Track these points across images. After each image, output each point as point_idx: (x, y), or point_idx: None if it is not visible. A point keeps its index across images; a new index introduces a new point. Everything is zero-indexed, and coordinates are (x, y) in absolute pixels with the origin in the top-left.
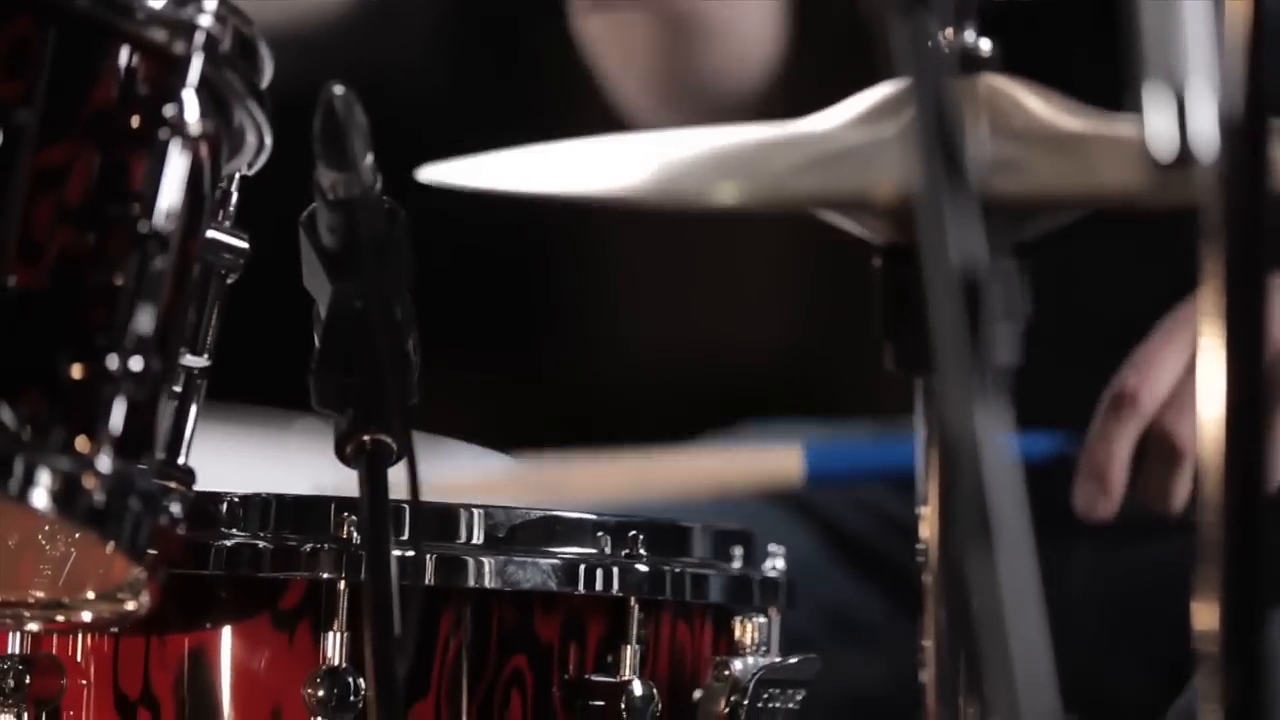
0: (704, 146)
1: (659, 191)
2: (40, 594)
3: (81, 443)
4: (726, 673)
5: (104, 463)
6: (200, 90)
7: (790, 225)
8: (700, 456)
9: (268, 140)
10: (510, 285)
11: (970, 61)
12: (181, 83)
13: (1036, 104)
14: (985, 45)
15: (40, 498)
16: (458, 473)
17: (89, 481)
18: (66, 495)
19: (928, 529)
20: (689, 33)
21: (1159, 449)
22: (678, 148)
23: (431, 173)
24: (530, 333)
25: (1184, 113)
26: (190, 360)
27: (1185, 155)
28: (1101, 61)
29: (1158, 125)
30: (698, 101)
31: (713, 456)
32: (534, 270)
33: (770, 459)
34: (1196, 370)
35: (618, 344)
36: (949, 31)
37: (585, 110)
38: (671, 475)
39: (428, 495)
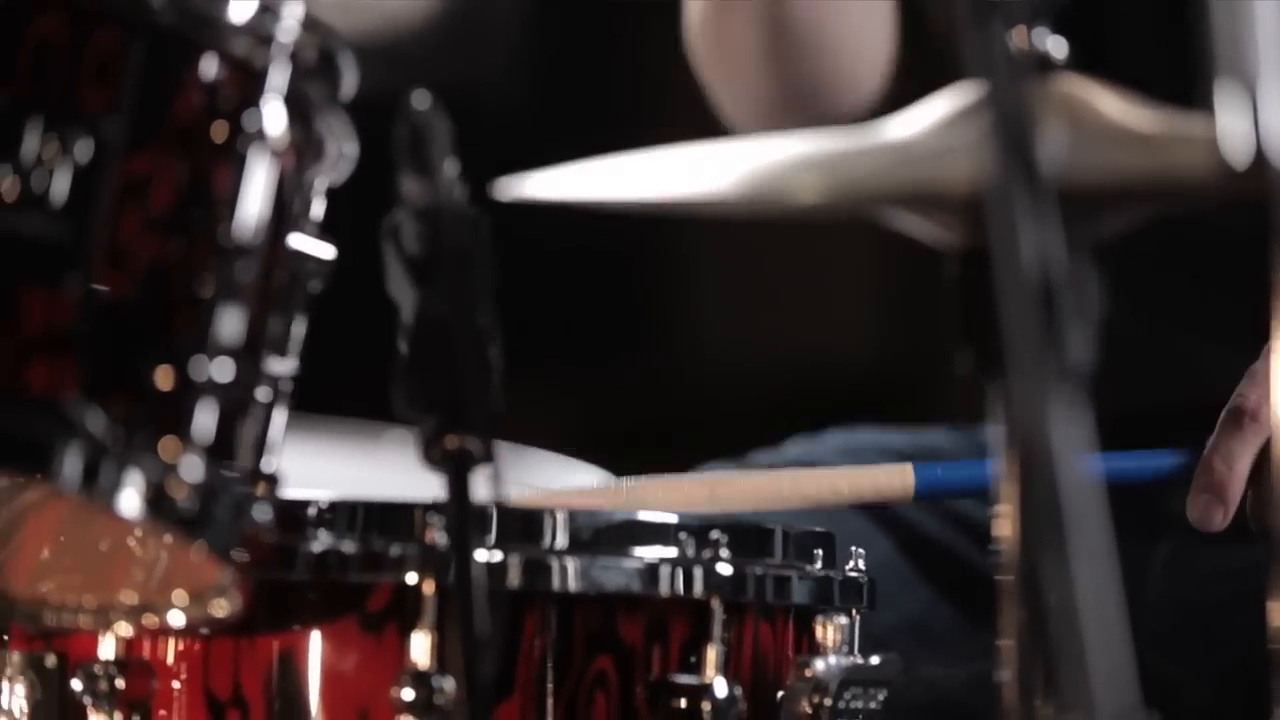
0: (783, 151)
1: (739, 196)
2: (131, 597)
3: (170, 448)
4: (809, 673)
5: (192, 467)
6: (282, 101)
7: (870, 235)
8: (810, 475)
9: (349, 150)
10: (597, 295)
11: (1043, 63)
12: (264, 94)
13: (1110, 103)
14: (1058, 46)
15: (130, 503)
16: (552, 489)
17: (177, 486)
18: (156, 500)
19: (1004, 529)
20: (801, 44)
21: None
22: (757, 153)
23: (517, 186)
24: (617, 342)
25: (1257, 114)
26: (276, 366)
27: (1260, 157)
28: (1175, 60)
29: (1231, 127)
30: (806, 114)
31: (822, 474)
32: (621, 281)
33: (881, 476)
34: None
35: (703, 353)
36: (1021, 32)
37: (670, 119)
38: (779, 493)
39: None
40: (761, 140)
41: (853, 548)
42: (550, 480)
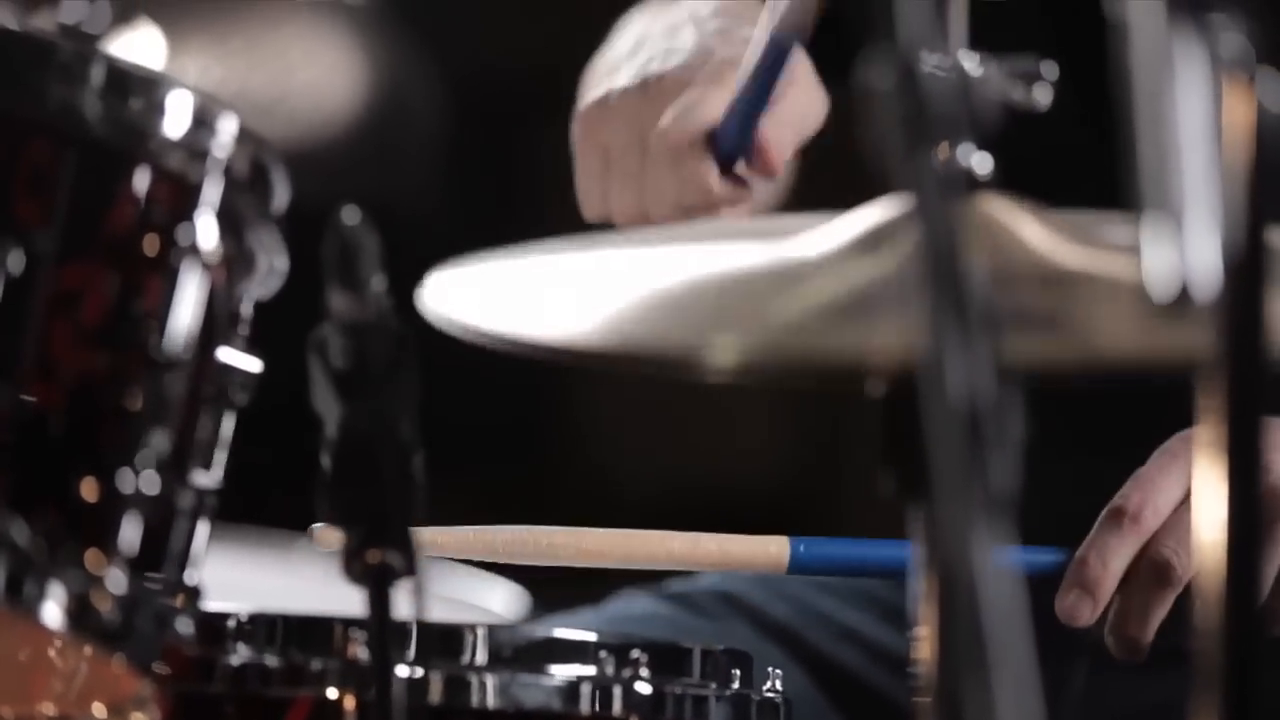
0: (696, 295)
1: (647, 348)
2: (50, 709)
3: (94, 560)
4: None
5: (116, 580)
6: (215, 215)
7: None
8: (690, 538)
9: (280, 264)
10: (509, 417)
11: (969, 181)
12: (197, 208)
13: (1032, 233)
14: (983, 163)
15: (52, 615)
16: (458, 532)
17: (100, 599)
18: (78, 612)
19: (923, 651)
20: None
21: (1151, 573)
22: (668, 296)
23: (429, 287)
24: (530, 461)
25: (1183, 247)
26: (201, 479)
27: (1184, 293)
28: (1098, 179)
29: (1156, 262)
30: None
31: (701, 539)
32: (530, 399)
33: (757, 547)
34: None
35: (615, 474)
36: (944, 149)
37: (583, 227)
38: (661, 552)
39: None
40: (678, 297)
41: (770, 668)
42: (465, 594)
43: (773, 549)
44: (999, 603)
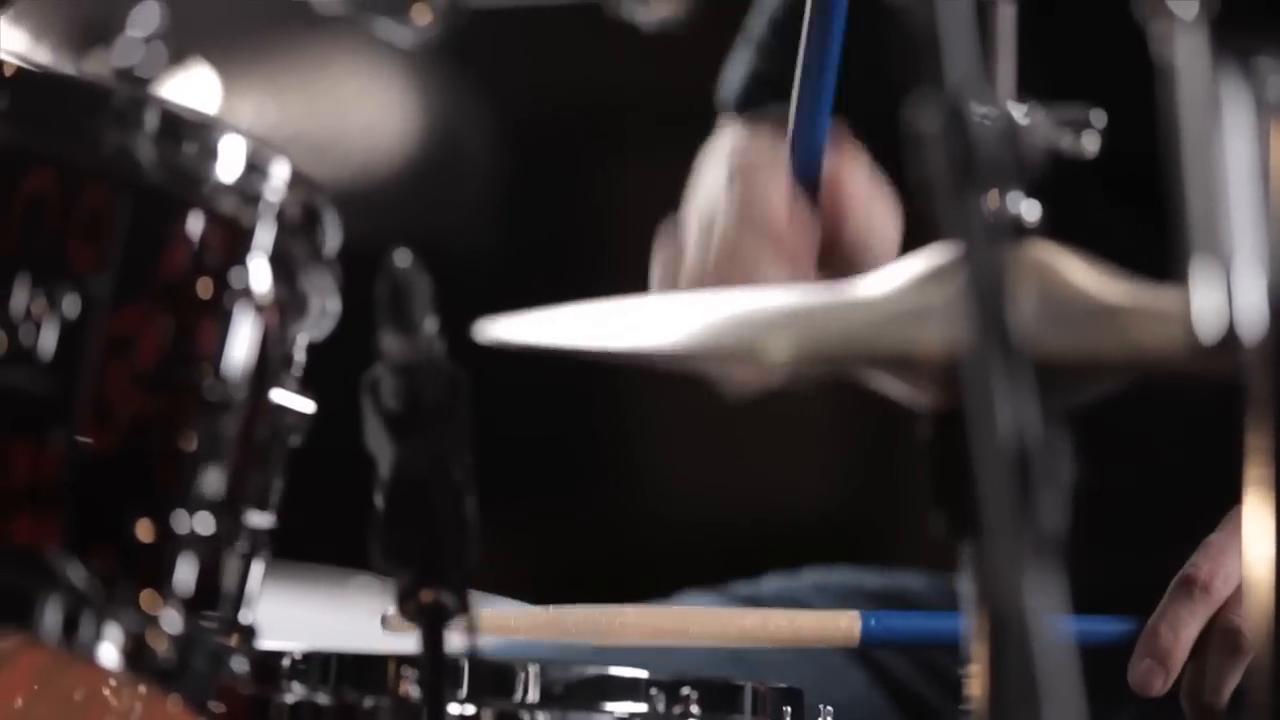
0: (756, 307)
1: (710, 350)
2: None
3: (149, 600)
4: None
5: (171, 620)
6: (268, 258)
7: (845, 384)
8: (760, 615)
9: (332, 306)
10: (565, 440)
11: (1017, 227)
12: (250, 251)
13: (1080, 273)
14: (1031, 210)
15: (108, 655)
16: (529, 614)
17: (156, 639)
18: (134, 652)
19: (975, 689)
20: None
21: (1223, 640)
22: (730, 308)
23: (485, 329)
24: (585, 489)
25: (1231, 290)
26: (255, 520)
27: (1231, 333)
28: (1148, 231)
29: (1204, 303)
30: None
31: (772, 615)
32: (588, 425)
33: (828, 622)
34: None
35: (669, 501)
36: (994, 196)
37: (635, 267)
38: (733, 629)
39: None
40: (736, 296)
41: (821, 705)
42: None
43: (843, 623)
44: (1049, 641)
